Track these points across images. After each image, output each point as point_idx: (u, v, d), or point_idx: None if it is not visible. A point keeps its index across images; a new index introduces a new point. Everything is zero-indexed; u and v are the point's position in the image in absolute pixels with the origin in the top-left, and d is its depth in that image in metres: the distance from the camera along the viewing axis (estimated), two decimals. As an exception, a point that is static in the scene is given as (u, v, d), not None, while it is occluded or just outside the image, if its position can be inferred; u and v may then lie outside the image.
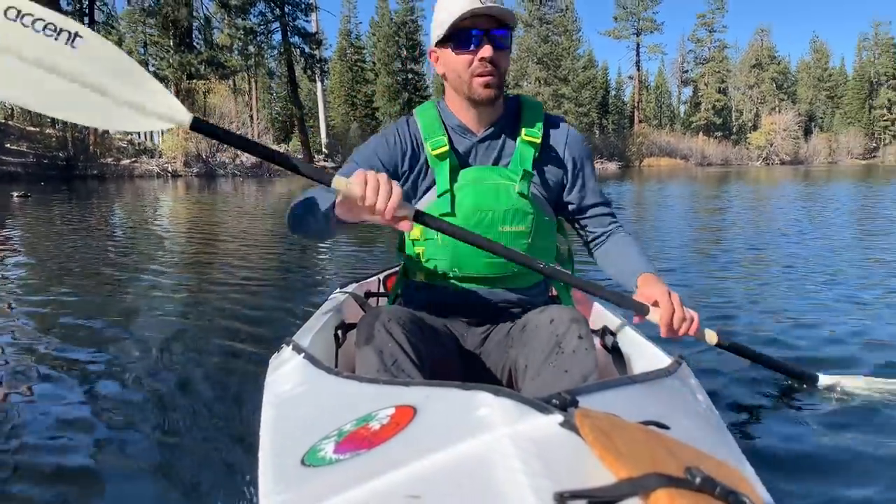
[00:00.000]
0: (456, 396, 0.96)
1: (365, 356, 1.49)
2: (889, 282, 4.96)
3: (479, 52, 1.67)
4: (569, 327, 1.54)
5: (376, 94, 63.01)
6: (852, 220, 10.45)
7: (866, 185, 21.77)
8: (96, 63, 1.63)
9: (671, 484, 0.66)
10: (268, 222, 11.18)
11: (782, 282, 5.11)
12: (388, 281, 2.61)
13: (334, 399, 1.20)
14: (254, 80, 47.28)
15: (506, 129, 1.83)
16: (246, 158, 36.02)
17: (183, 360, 3.10)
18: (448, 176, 1.76)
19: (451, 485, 0.75)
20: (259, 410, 1.37)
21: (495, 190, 1.75)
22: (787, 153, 73.44)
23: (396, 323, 1.54)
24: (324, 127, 48.65)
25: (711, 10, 79.48)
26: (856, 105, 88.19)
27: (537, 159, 1.82)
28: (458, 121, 1.81)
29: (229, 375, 2.84)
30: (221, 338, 3.45)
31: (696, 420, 1.13)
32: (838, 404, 2.47)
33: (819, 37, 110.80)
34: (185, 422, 2.38)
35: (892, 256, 6.19)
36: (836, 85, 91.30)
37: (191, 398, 2.61)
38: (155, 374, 2.89)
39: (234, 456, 2.05)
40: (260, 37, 42.77)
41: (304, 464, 0.96)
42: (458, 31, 1.67)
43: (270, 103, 60.20)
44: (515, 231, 1.77)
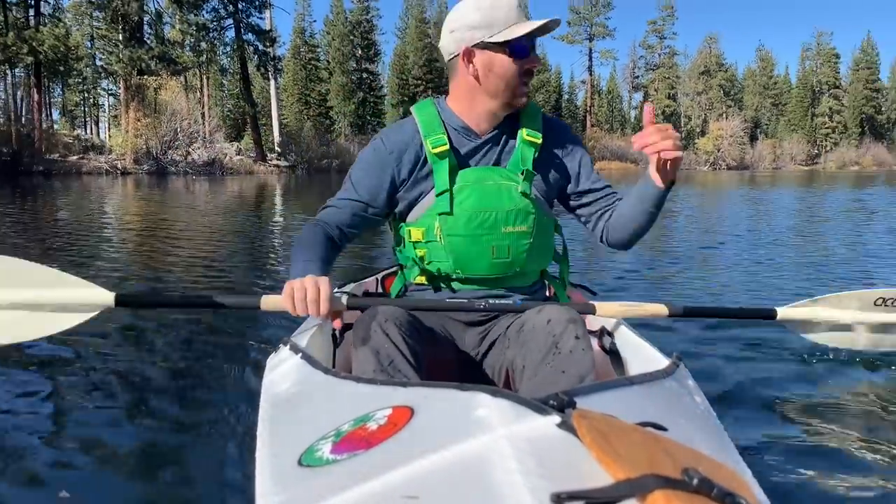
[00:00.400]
0: (453, 397, 0.96)
1: (361, 356, 1.49)
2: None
3: (532, 62, 1.75)
4: (566, 327, 1.54)
5: (330, 93, 62.62)
6: (795, 220, 11.01)
7: (806, 190, 22.60)
8: (15, 282, 1.78)
9: (668, 485, 0.66)
10: (268, 222, 11.08)
11: (728, 269, 5.68)
12: (387, 281, 2.61)
13: (332, 399, 1.20)
14: (206, 77, 46.55)
15: (506, 130, 1.85)
16: (198, 156, 35.45)
17: (180, 360, 3.07)
18: (447, 175, 1.77)
19: (449, 485, 0.75)
20: (256, 410, 1.37)
21: (498, 190, 1.76)
22: (734, 158, 75.06)
23: (393, 323, 1.54)
24: (276, 125, 48.06)
25: (662, 18, 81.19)
26: (799, 112, 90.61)
27: (537, 159, 1.84)
28: (462, 122, 1.82)
29: (226, 375, 2.82)
30: (218, 337, 3.43)
31: (694, 421, 1.13)
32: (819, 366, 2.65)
33: (765, 45, 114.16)
34: (181, 422, 2.37)
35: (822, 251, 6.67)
36: (781, 93, 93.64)
37: (188, 398, 2.59)
38: (151, 373, 2.86)
39: (231, 456, 2.04)
40: (213, 33, 42.09)
41: (302, 464, 0.95)
42: (517, 39, 1.70)
43: (222, 101, 59.36)
44: (518, 231, 1.78)
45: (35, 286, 1.80)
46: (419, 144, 1.82)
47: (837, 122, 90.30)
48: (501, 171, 1.80)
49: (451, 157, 1.79)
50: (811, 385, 2.78)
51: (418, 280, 1.88)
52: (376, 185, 1.84)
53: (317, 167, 44.54)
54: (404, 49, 71.96)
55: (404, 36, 73.90)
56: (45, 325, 1.82)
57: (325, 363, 1.47)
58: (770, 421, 2.43)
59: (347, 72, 62.84)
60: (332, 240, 1.82)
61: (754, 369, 2.92)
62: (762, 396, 2.64)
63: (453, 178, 1.78)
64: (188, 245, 7.62)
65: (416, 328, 1.61)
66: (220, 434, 2.24)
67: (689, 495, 0.66)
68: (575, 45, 76.52)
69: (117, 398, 2.59)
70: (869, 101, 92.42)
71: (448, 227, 1.77)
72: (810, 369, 2.95)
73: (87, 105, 61.44)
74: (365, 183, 1.85)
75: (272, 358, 1.61)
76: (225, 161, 37.16)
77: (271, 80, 48.45)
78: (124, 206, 14.46)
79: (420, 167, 1.82)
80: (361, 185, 1.85)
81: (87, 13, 37.97)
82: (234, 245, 7.79)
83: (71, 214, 11.85)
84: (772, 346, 3.32)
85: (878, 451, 2.16)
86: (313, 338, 1.75)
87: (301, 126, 53.33)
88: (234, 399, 2.52)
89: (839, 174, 53.88)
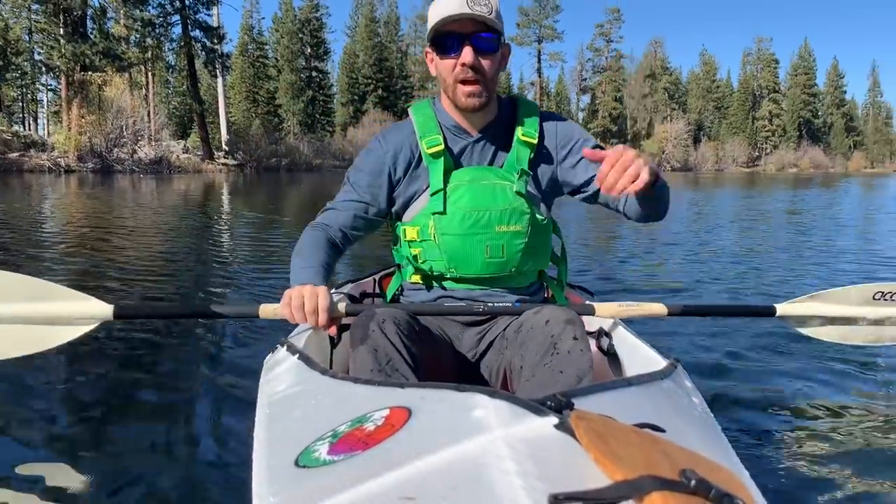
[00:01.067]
0: (451, 398, 0.96)
1: (359, 356, 1.49)
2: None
3: (461, 58, 1.66)
4: (564, 328, 1.54)
5: (279, 91, 62.02)
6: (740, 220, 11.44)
7: (746, 191, 23.31)
8: (11, 296, 1.81)
9: (665, 486, 0.66)
10: (270, 220, 10.99)
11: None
12: (384, 281, 2.59)
13: (329, 400, 1.20)
14: (151, 74, 45.61)
15: (501, 129, 1.83)
16: (144, 154, 34.75)
17: (176, 361, 3.04)
18: (442, 175, 1.77)
19: (446, 487, 0.75)
20: (253, 411, 1.36)
21: (492, 189, 1.75)
22: (678, 160, 76.84)
23: (391, 323, 1.53)
24: (224, 123, 47.37)
25: (609, 21, 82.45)
26: (740, 116, 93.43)
27: (533, 159, 1.83)
28: (454, 121, 1.81)
29: (223, 376, 2.80)
30: (215, 338, 3.40)
31: (692, 422, 1.13)
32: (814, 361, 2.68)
33: (708, 50, 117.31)
34: (178, 423, 2.35)
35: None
36: (723, 96, 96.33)
37: (184, 399, 2.57)
38: (148, 374, 2.84)
39: (227, 457, 2.03)
40: (159, 29, 41.30)
41: (299, 465, 0.95)
42: (441, 36, 1.67)
43: (168, 98, 58.22)
44: (512, 231, 1.77)
45: (35, 300, 1.83)
46: (415, 144, 1.82)
47: (777, 126, 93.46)
48: (496, 171, 1.79)
49: (447, 156, 1.79)
50: (809, 385, 2.82)
51: (414, 279, 1.88)
52: (375, 185, 1.84)
53: (266, 166, 44.20)
54: (354, 48, 71.71)
55: (354, 34, 73.68)
56: (46, 338, 1.84)
57: (323, 364, 1.46)
58: (767, 421, 2.45)
59: (296, 70, 62.36)
60: (333, 243, 1.82)
61: (751, 370, 2.96)
62: (759, 397, 2.67)
63: (448, 177, 1.78)
64: (133, 243, 7.57)
65: (413, 328, 1.61)
66: (216, 434, 2.24)
67: (687, 496, 0.66)
68: (524, 47, 77.19)
69: (113, 400, 2.57)
70: (806, 105, 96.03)
71: (442, 227, 1.77)
72: (807, 369, 2.99)
73: (25, 101, 59.47)
74: (364, 183, 1.86)
75: (269, 358, 1.61)
76: (172, 159, 36.56)
77: (219, 77, 47.77)
78: (69, 203, 14.15)
79: (415, 167, 1.82)
80: (360, 185, 1.86)
81: (26, 6, 36.68)
82: (178, 243, 7.75)
83: (15, 212, 11.59)
84: (769, 347, 3.35)
85: (876, 451, 2.19)
86: (310, 338, 1.74)
87: (249, 124, 52.74)
88: (231, 399, 2.51)
89: (779, 176, 55.90)
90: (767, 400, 2.64)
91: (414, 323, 1.64)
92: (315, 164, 49.77)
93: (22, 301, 1.82)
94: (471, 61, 1.66)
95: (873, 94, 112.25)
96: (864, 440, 2.28)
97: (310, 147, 52.00)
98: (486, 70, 1.69)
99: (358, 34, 72.70)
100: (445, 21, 1.63)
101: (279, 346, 1.60)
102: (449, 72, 1.71)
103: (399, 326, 1.54)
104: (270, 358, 1.60)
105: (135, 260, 6.26)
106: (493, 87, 1.75)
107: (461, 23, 1.64)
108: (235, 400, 2.49)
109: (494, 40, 1.69)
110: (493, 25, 1.66)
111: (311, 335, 1.76)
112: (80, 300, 1.85)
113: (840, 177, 55.02)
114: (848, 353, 3.13)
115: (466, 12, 1.61)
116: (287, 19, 62.82)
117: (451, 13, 1.62)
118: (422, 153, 1.80)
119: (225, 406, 2.49)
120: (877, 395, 2.71)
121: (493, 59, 1.71)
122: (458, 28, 1.65)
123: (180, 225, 10.34)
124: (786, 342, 3.40)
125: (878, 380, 2.88)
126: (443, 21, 1.64)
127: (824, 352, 3.20)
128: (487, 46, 1.68)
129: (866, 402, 2.63)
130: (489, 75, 1.70)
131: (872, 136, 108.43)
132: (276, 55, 64.14)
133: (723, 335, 3.52)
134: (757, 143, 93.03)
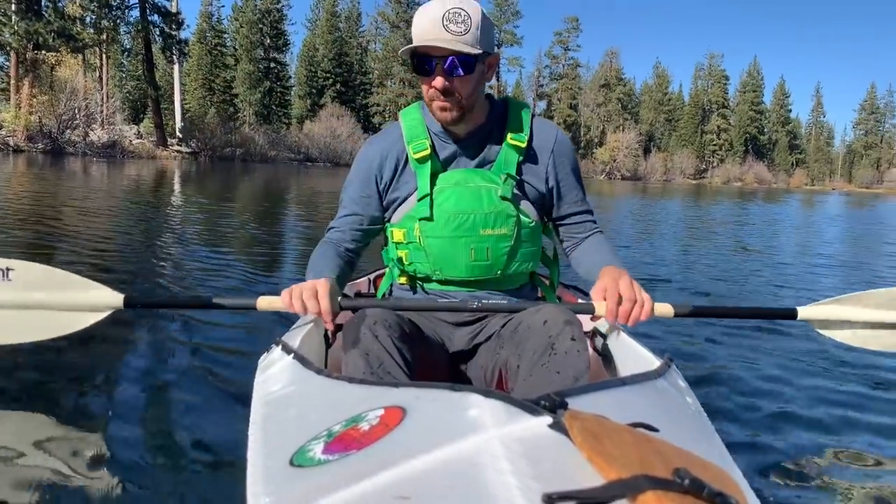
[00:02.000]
0: (445, 397, 0.97)
1: (351, 360, 1.49)
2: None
3: (433, 82, 1.67)
4: (562, 329, 1.54)
5: (236, 80, 61.34)
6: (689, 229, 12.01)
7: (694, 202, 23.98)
8: (31, 285, 1.93)
9: (659, 485, 0.67)
10: (269, 220, 10.82)
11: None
12: (377, 281, 2.58)
13: (324, 400, 1.20)
14: (106, 56, 44.81)
15: (491, 132, 1.83)
16: (97, 137, 34.21)
17: (171, 360, 3.00)
18: (428, 179, 1.77)
19: (441, 486, 0.75)
20: (248, 410, 1.36)
21: (477, 193, 1.75)
22: (628, 169, 78.25)
23: (382, 325, 1.53)
24: (179, 110, 46.63)
25: (567, 29, 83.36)
26: (690, 129, 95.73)
27: (522, 163, 1.83)
28: (441, 126, 1.80)
29: (217, 375, 2.77)
30: (210, 337, 3.35)
31: (685, 422, 1.15)
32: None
33: (661, 63, 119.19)
34: (172, 421, 2.33)
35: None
36: (674, 109, 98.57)
37: (178, 398, 2.55)
38: (142, 374, 2.80)
39: (222, 456, 2.02)
40: (116, 11, 40.58)
41: (293, 464, 0.95)
42: (416, 57, 1.67)
43: (122, 82, 57.15)
44: (498, 234, 1.77)
45: (49, 288, 1.93)
46: (402, 149, 1.83)
47: (724, 140, 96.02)
48: (483, 174, 1.79)
49: (434, 161, 1.80)
50: (803, 385, 2.85)
51: (401, 280, 1.90)
52: (366, 195, 1.88)
53: (220, 155, 43.65)
54: (314, 41, 71.35)
55: (315, 28, 73.29)
56: (59, 324, 1.95)
57: (318, 364, 1.45)
58: (760, 421, 2.46)
59: (255, 60, 61.79)
60: (341, 257, 1.88)
61: (746, 370, 2.98)
62: (753, 397, 2.68)
63: (434, 181, 1.78)
64: (71, 224, 7.56)
65: (405, 330, 1.61)
66: (211, 434, 2.22)
67: (680, 495, 0.67)
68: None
69: (105, 399, 2.53)
70: (753, 121, 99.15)
71: (427, 229, 1.78)
72: (803, 370, 3.02)
73: (-30, 77, 57.73)
74: (356, 197, 1.90)
75: (264, 358, 1.60)
76: (126, 144, 35.97)
77: (176, 63, 47.12)
78: (16, 183, 13.90)
79: (402, 171, 1.84)
80: (353, 200, 1.91)
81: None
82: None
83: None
84: (765, 348, 3.37)
85: (870, 452, 2.21)
86: (305, 338, 1.74)
87: (205, 112, 52.08)
88: (226, 399, 2.50)
89: (724, 189, 56.94)
90: (760, 399, 2.66)
91: (405, 324, 1.64)
92: (270, 155, 49.38)
93: (38, 289, 1.93)
94: (441, 86, 1.66)
95: (816, 114, 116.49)
96: (859, 439, 2.31)
97: (265, 138, 51.43)
98: (459, 90, 1.68)
99: (318, 28, 72.35)
100: (418, 45, 1.64)
101: (274, 345, 1.59)
102: (425, 90, 1.72)
103: (390, 329, 1.55)
104: (265, 357, 1.59)
105: (62, 238, 6.24)
106: (470, 102, 1.73)
107: (434, 47, 1.63)
108: (230, 399, 2.48)
109: (469, 63, 1.66)
110: (466, 50, 1.62)
111: (306, 335, 1.75)
112: (93, 288, 1.95)
113: (782, 192, 56.97)
114: (843, 354, 3.15)
115: (436, 39, 1.61)
116: (247, 8, 62.14)
117: (424, 38, 1.62)
118: (409, 157, 1.81)
119: (219, 405, 2.47)
120: (873, 394, 2.73)
121: (468, 79, 1.69)
122: (431, 52, 1.65)
123: (124, 209, 10.29)
124: (782, 342, 3.42)
125: (874, 379, 2.90)
126: (415, 47, 1.65)
127: (820, 352, 3.24)
128: (460, 70, 1.66)
129: (862, 402, 2.65)
130: (464, 95, 1.69)
131: (814, 155, 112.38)
132: (234, 44, 63.44)
133: (719, 335, 3.55)
134: (704, 155, 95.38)
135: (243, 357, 2.97)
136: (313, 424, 1.06)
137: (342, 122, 57.88)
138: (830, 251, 9.59)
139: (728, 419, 2.43)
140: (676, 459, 0.76)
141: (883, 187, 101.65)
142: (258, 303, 1.78)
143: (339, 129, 56.77)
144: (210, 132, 44.90)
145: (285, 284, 2.41)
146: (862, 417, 2.53)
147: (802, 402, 2.66)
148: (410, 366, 1.53)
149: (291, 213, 12.44)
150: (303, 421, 1.13)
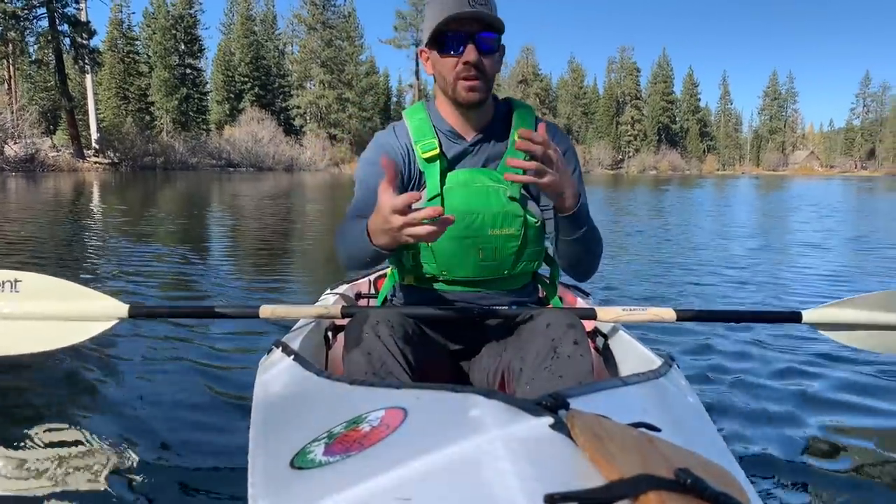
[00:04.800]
0: (447, 398, 0.96)
1: (353, 359, 1.48)
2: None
3: (464, 56, 1.64)
4: (565, 332, 1.54)
5: (152, 88, 60.55)
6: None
7: (613, 191, 24.53)
8: (40, 296, 1.95)
9: (661, 485, 0.66)
10: (270, 219, 10.93)
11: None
12: (379, 282, 2.57)
13: (324, 401, 1.19)
14: (14, 68, 43.47)
15: (496, 132, 1.82)
16: (14, 153, 33.30)
17: (171, 362, 3.01)
18: (438, 179, 1.74)
19: (442, 487, 0.75)
20: (248, 412, 1.35)
21: (486, 192, 1.74)
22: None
23: (385, 325, 1.52)
24: (94, 121, 45.77)
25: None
26: (605, 121, 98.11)
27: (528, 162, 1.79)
28: (449, 125, 1.80)
29: (218, 377, 2.77)
30: (210, 339, 3.36)
31: (687, 421, 1.14)
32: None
33: (576, 58, 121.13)
34: (172, 423, 2.32)
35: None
36: (590, 102, 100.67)
37: (179, 399, 2.55)
38: (142, 376, 2.82)
39: (222, 458, 2.03)
40: (23, 22, 39.59)
41: (294, 466, 0.94)
42: (443, 34, 1.65)
43: (32, 94, 55.38)
44: (505, 234, 1.75)
45: (56, 299, 1.96)
46: (409, 150, 1.80)
47: (638, 131, 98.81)
48: (491, 174, 1.78)
49: (443, 160, 1.77)
50: (804, 386, 2.83)
51: (406, 281, 1.88)
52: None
53: (141, 165, 43.31)
54: (230, 45, 70.74)
55: (230, 32, 72.61)
56: (67, 335, 1.96)
57: (318, 365, 1.45)
58: (762, 421, 2.44)
59: (170, 67, 61.15)
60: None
61: (747, 369, 2.97)
62: (755, 396, 2.67)
63: (444, 181, 1.76)
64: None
65: (407, 330, 1.59)
66: (211, 436, 2.23)
67: (682, 496, 0.66)
68: (402, 50, 78.04)
69: (105, 400, 2.55)
70: (665, 111, 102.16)
71: None
72: (803, 371, 3.01)
73: None
74: (373, 183, 1.68)
75: (264, 360, 1.59)
76: (44, 158, 35.34)
77: (88, 73, 46.07)
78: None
79: (411, 172, 1.80)
80: (370, 185, 1.73)
81: None
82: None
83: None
84: (767, 346, 3.35)
85: (871, 452, 2.20)
86: (306, 339, 1.73)
87: (121, 121, 51.01)
88: (226, 400, 2.50)
89: (640, 177, 57.68)
90: (762, 398, 2.65)
91: (408, 325, 1.62)
92: (192, 162, 49.08)
93: (53, 300, 1.96)
94: (474, 59, 1.65)
95: (724, 102, 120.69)
96: (860, 439, 2.30)
97: (185, 146, 51.18)
98: (488, 69, 1.69)
99: (234, 32, 71.81)
100: (449, 19, 1.62)
101: (274, 347, 1.59)
102: (450, 70, 1.69)
103: (393, 329, 1.53)
104: (266, 359, 1.59)
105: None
106: (491, 87, 1.74)
107: (466, 22, 1.63)
108: (230, 401, 2.48)
109: (495, 40, 1.68)
110: (496, 24, 1.66)
111: (306, 336, 1.74)
112: (99, 299, 1.97)
113: (696, 178, 57.76)
114: (847, 354, 3.12)
115: (468, 10, 1.61)
116: (159, 14, 61.27)
117: (457, 10, 1.61)
118: (417, 158, 1.79)
119: (220, 407, 2.47)
120: (876, 394, 2.72)
121: (494, 58, 1.71)
122: (461, 27, 1.64)
123: (49, 220, 10.32)
124: (781, 343, 3.41)
125: (878, 380, 2.89)
126: (446, 20, 1.63)
127: (820, 351, 3.22)
128: (489, 46, 1.67)
129: (862, 402, 2.65)
130: (490, 74, 1.70)
131: (724, 141, 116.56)
132: (147, 51, 62.45)
133: (719, 335, 3.54)
134: (620, 146, 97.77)
135: (244, 358, 2.99)
136: (314, 426, 1.05)
137: (263, 125, 57.53)
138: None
139: (730, 419, 2.42)
140: (678, 459, 0.76)
141: (788, 169, 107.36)
142: (261, 311, 1.80)
143: (260, 134, 56.45)
144: (129, 142, 44.20)
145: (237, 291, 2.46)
146: (865, 418, 2.53)
147: (805, 401, 2.65)
148: (412, 367, 1.51)
149: (225, 219, 12.58)
150: (303, 422, 1.12)
